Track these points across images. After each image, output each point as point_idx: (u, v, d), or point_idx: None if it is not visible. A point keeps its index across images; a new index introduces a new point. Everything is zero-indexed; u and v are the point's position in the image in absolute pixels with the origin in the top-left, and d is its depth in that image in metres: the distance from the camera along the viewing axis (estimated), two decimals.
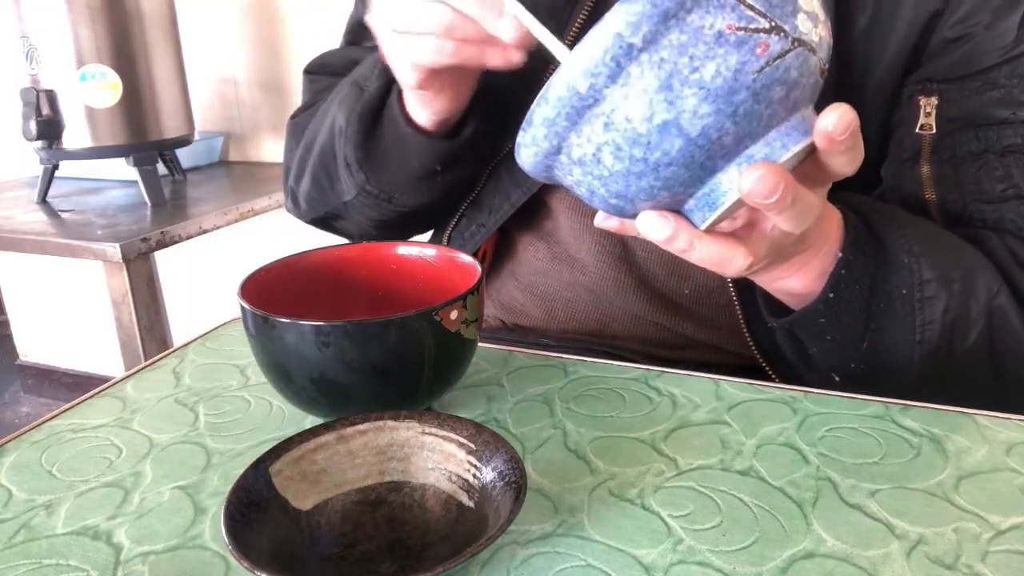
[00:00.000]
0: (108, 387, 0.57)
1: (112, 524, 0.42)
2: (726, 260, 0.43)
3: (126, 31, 1.36)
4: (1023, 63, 0.57)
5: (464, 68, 0.52)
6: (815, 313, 0.53)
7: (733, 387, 0.54)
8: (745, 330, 0.66)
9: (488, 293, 0.79)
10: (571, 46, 0.37)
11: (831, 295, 0.51)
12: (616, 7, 0.34)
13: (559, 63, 0.40)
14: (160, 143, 1.44)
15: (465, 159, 0.66)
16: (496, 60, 0.50)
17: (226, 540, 0.34)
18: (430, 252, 0.56)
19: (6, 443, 0.50)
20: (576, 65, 0.35)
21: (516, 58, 0.49)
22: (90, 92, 1.34)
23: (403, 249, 0.57)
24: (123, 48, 1.36)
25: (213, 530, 0.41)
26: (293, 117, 0.80)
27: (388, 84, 0.64)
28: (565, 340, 0.73)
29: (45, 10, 1.30)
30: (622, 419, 0.51)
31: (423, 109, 0.60)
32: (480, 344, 0.58)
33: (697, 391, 0.54)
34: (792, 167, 0.40)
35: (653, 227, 0.41)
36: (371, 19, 0.55)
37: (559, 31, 0.38)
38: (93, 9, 1.31)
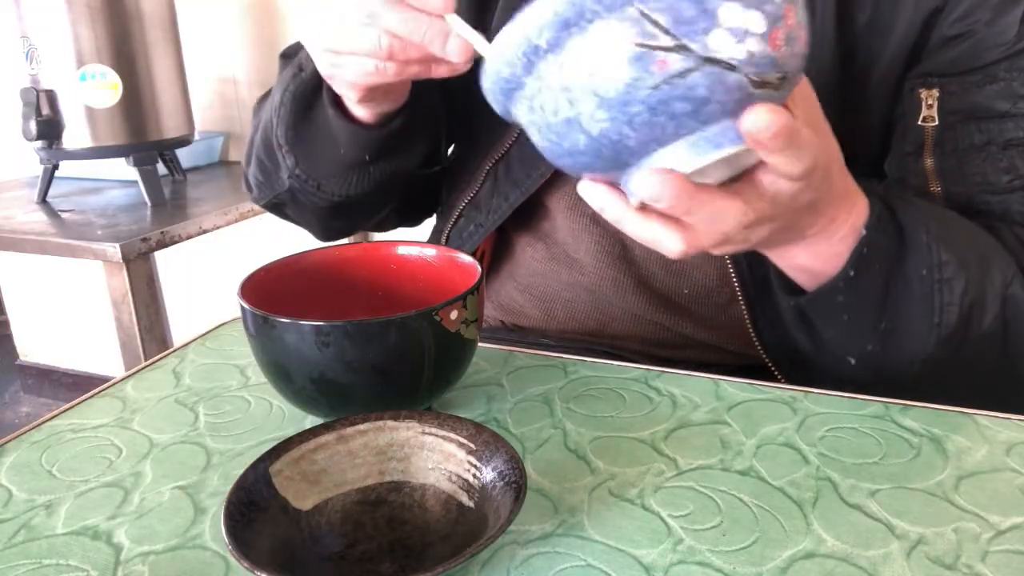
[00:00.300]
0: (108, 387, 0.57)
1: (112, 524, 0.42)
2: (659, 240, 0.42)
3: (126, 31, 1.36)
4: (1023, 58, 0.57)
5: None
6: (834, 290, 0.52)
7: (733, 387, 0.54)
8: (751, 329, 0.66)
9: (487, 294, 0.79)
10: None
11: (852, 273, 0.51)
12: (528, 8, 0.36)
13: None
14: (160, 143, 1.44)
15: (396, 150, 0.65)
16: (442, 72, 0.50)
17: (226, 540, 0.34)
18: (430, 252, 0.56)
19: (6, 443, 0.50)
20: (496, 54, 0.38)
21: (464, 68, 0.48)
22: (90, 92, 1.34)
23: (403, 249, 0.57)
24: (123, 48, 1.36)
25: (213, 530, 0.41)
26: (260, 100, 0.78)
27: None
28: (565, 340, 0.73)
29: (45, 10, 1.30)
30: (622, 419, 0.51)
31: (366, 110, 0.60)
32: (480, 344, 0.58)
33: (697, 391, 0.54)
34: (729, 171, 0.40)
35: (589, 195, 0.42)
36: (304, 37, 0.53)
37: None
38: (93, 9, 1.31)
